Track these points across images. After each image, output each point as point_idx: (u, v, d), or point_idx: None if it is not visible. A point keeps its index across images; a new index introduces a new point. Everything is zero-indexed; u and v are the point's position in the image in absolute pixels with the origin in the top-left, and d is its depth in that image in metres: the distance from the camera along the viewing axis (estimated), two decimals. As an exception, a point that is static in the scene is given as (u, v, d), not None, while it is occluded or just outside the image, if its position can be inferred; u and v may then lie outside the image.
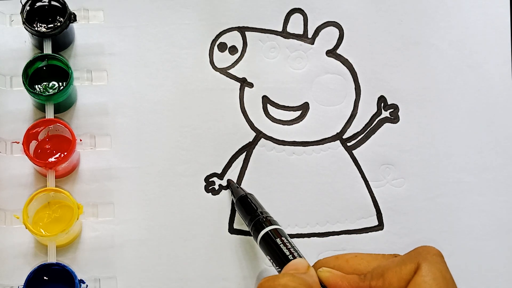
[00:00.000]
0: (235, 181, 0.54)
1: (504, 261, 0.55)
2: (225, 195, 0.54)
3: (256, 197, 0.52)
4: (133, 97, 0.55)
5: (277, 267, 0.45)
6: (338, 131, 0.56)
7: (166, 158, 0.54)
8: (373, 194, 0.55)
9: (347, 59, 0.58)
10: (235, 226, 0.54)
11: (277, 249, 0.46)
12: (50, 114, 0.52)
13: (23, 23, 0.52)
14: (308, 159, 0.56)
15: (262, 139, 0.56)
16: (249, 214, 0.50)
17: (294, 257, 0.44)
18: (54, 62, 0.53)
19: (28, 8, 0.53)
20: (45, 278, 0.49)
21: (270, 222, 0.48)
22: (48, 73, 0.53)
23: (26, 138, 0.51)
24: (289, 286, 0.38)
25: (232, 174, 0.55)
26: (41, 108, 0.53)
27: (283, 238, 0.46)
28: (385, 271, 0.39)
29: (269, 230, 0.47)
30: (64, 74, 0.53)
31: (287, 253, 0.45)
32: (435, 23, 0.58)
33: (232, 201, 0.54)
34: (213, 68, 0.57)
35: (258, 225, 0.49)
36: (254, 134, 0.56)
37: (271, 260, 0.46)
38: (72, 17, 0.54)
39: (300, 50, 0.57)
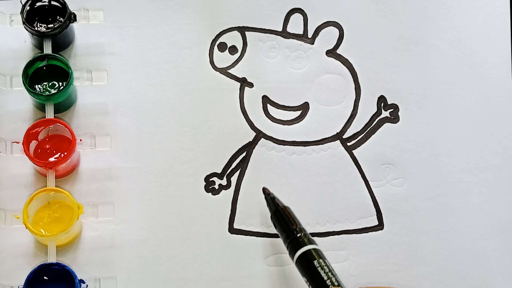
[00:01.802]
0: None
1: (504, 261, 0.55)
2: (225, 195, 0.54)
3: (292, 211, 0.51)
4: (133, 97, 0.55)
5: None
6: (338, 131, 0.56)
7: (166, 158, 0.54)
8: (373, 194, 0.55)
9: (347, 59, 0.58)
10: (235, 226, 0.54)
11: (314, 272, 0.45)
12: (50, 114, 0.52)
13: (23, 23, 0.52)
14: (308, 159, 0.56)
15: (262, 139, 0.56)
16: (285, 230, 0.49)
17: (332, 283, 0.44)
18: (54, 62, 0.53)
19: (28, 8, 0.53)
20: (45, 278, 0.49)
21: (309, 240, 0.48)
22: (48, 73, 0.53)
23: (26, 138, 0.51)
24: None
25: (232, 174, 0.55)
26: (41, 108, 0.53)
27: (321, 260, 0.46)
28: None
29: (307, 250, 0.47)
30: (64, 74, 0.53)
31: (325, 277, 0.45)
32: (435, 23, 0.58)
33: (233, 200, 0.54)
34: (213, 68, 0.57)
35: (295, 243, 0.48)
36: (254, 134, 0.56)
37: (308, 283, 0.46)
38: (72, 17, 0.54)
39: (300, 50, 0.57)
